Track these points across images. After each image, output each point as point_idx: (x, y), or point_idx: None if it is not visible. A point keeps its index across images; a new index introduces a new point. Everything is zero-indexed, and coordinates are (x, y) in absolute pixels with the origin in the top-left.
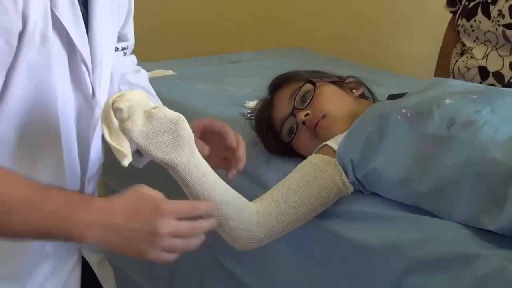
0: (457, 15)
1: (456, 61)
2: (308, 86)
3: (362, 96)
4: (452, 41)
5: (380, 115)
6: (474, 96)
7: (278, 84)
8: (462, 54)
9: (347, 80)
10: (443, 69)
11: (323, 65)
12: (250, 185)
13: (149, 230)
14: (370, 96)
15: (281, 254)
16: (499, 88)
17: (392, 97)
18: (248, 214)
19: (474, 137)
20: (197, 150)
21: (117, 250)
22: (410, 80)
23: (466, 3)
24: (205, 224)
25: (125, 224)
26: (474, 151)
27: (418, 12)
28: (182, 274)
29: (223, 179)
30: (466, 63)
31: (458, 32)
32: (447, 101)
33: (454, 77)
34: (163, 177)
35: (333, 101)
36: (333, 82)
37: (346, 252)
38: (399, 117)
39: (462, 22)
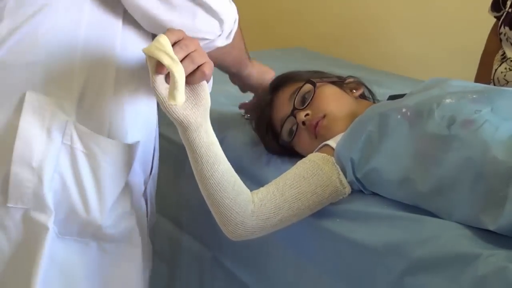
0: (500, 22)
1: (496, 69)
2: (308, 86)
3: (362, 96)
4: (495, 48)
5: (380, 115)
6: (474, 96)
7: (278, 84)
8: (502, 61)
9: (347, 80)
10: (483, 77)
11: (323, 65)
12: (250, 185)
13: None
14: (370, 96)
15: (281, 254)
16: (499, 87)
17: (392, 97)
18: (245, 200)
19: (475, 136)
20: (209, 118)
21: None
22: (410, 80)
23: (510, 10)
24: None
25: None
26: (475, 150)
27: (418, 12)
28: (182, 274)
29: None
30: (505, 75)
31: (500, 40)
32: (447, 100)
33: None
34: None
35: (333, 101)
36: (333, 82)
37: (346, 252)
38: (399, 116)
39: (505, 30)
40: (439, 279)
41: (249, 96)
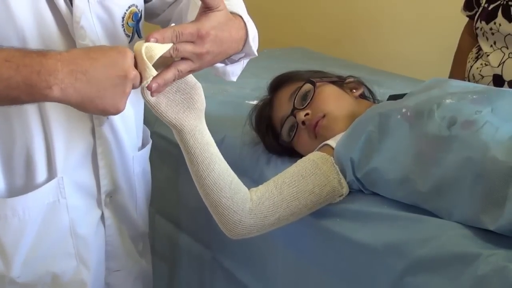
0: (476, 17)
1: (471, 66)
2: (308, 86)
3: (362, 96)
4: (468, 46)
5: (380, 115)
6: (474, 96)
7: (278, 84)
8: (477, 58)
9: (347, 80)
10: (458, 75)
11: (323, 65)
12: (250, 185)
13: (119, 74)
14: (370, 96)
15: (281, 255)
16: (500, 88)
17: (392, 97)
18: (242, 198)
19: (475, 137)
20: (204, 119)
21: (88, 104)
22: (410, 80)
23: (486, 5)
24: None
25: (94, 70)
26: (475, 151)
27: (418, 12)
28: (182, 275)
29: None
30: (481, 70)
31: (476, 35)
32: (448, 101)
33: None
34: None
35: (333, 101)
36: (333, 82)
37: (346, 252)
38: (399, 116)
39: (481, 24)
40: (439, 279)
41: (248, 96)
